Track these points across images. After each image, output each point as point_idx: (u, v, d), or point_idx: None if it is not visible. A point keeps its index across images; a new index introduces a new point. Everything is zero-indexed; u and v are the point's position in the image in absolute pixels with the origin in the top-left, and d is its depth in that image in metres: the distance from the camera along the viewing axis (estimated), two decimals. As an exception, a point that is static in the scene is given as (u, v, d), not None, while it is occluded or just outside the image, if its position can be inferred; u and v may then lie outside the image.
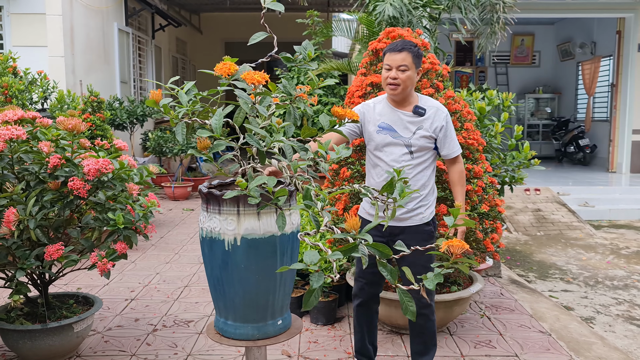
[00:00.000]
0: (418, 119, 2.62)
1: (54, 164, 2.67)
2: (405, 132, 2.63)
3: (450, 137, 2.66)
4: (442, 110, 2.66)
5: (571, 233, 7.17)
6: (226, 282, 2.01)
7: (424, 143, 2.62)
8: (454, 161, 2.73)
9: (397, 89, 2.57)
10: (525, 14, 9.55)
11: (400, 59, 2.55)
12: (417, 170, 2.64)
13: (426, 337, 2.76)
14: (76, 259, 2.81)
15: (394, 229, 2.67)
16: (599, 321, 4.24)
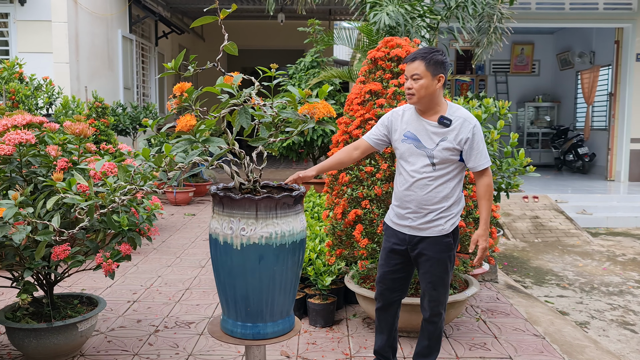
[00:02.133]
0: (443, 129, 2.56)
1: (61, 167, 2.76)
2: (429, 142, 2.58)
3: (477, 149, 2.55)
4: (469, 122, 2.56)
5: (568, 240, 7.24)
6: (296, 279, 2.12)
7: (447, 155, 2.56)
8: (481, 174, 2.61)
9: (413, 98, 2.57)
10: (525, 23, 9.68)
11: (413, 68, 2.54)
12: (438, 182, 2.58)
13: (432, 342, 2.83)
14: (82, 259, 2.89)
15: (413, 238, 2.67)
16: (593, 326, 4.31)
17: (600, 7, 9.86)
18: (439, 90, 2.57)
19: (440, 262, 2.66)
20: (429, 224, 2.63)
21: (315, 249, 4.03)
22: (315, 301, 3.69)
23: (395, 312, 2.92)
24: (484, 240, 2.63)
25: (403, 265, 2.79)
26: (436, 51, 2.56)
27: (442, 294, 2.74)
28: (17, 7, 7.52)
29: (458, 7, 5.07)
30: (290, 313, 2.30)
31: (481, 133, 2.59)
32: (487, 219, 2.63)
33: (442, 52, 2.57)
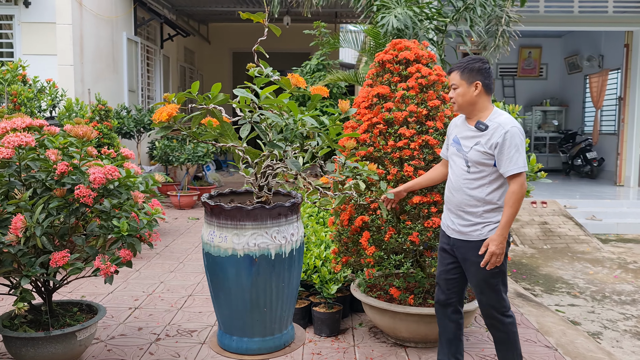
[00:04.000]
0: (478, 133, 2.65)
1: (60, 171, 2.69)
2: (466, 146, 2.70)
3: (506, 155, 2.57)
4: (502, 127, 2.59)
5: (578, 246, 7.12)
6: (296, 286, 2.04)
7: (479, 158, 2.63)
8: (509, 180, 2.62)
9: (454, 107, 2.74)
10: (532, 26, 9.57)
11: (451, 79, 2.71)
12: (474, 185, 2.66)
13: (506, 346, 2.76)
14: (81, 266, 2.81)
15: (456, 241, 2.76)
16: (606, 336, 4.19)
17: (609, 10, 9.74)
18: (479, 97, 2.66)
19: (482, 267, 2.66)
20: (468, 227, 2.69)
21: (321, 255, 3.94)
22: (321, 310, 3.59)
23: (453, 317, 2.87)
24: (494, 245, 2.60)
25: (456, 266, 2.82)
26: (473, 60, 2.67)
27: (492, 298, 2.71)
28: (21, 9, 7.48)
29: (467, 9, 4.97)
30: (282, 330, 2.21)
31: (516, 139, 2.57)
32: (505, 225, 2.60)
33: (479, 60, 2.66)
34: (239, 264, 2.60)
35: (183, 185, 8.85)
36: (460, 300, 2.89)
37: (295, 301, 2.11)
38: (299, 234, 2.04)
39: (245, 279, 2.34)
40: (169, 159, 8.43)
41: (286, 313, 2.14)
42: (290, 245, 2.03)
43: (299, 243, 2.03)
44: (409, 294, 3.38)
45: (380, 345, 3.45)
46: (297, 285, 2.12)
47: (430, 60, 3.55)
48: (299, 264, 2.08)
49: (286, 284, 2.08)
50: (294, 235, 2.02)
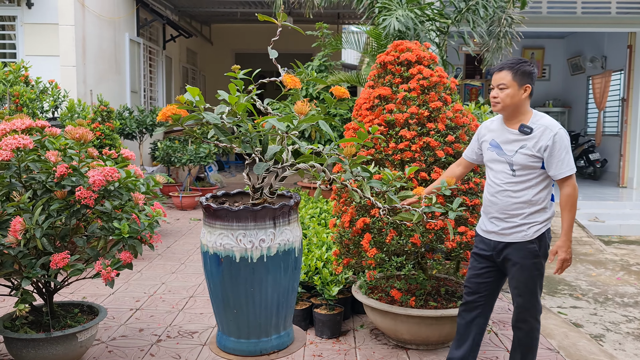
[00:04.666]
0: (522, 137, 2.62)
1: (60, 173, 2.69)
2: (509, 150, 2.66)
3: (557, 157, 2.56)
4: (550, 130, 2.58)
5: (581, 248, 7.09)
6: (292, 290, 2.02)
7: (526, 162, 2.60)
8: (562, 183, 2.62)
9: (497, 107, 2.66)
10: (535, 27, 9.53)
11: (499, 77, 2.63)
12: (519, 188, 2.63)
13: (523, 350, 2.78)
14: (82, 267, 2.81)
15: (498, 244, 2.73)
16: (609, 339, 4.17)
17: (612, 11, 9.71)
18: (525, 100, 2.64)
19: (524, 268, 2.66)
20: (512, 229, 2.67)
21: (322, 257, 3.93)
22: (322, 311, 3.58)
23: (475, 320, 2.86)
24: (563, 252, 2.63)
25: (489, 270, 2.82)
26: (524, 62, 2.64)
27: (528, 301, 2.71)
28: (24, 10, 7.50)
29: (469, 10, 4.96)
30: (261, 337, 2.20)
31: (564, 141, 2.59)
32: (567, 229, 2.62)
33: (530, 63, 2.65)
34: (211, 262, 2.67)
35: (185, 186, 8.86)
36: (489, 307, 2.87)
37: (285, 309, 2.07)
38: (277, 241, 1.98)
39: (215, 277, 2.34)
40: (170, 159, 8.44)
41: (264, 320, 2.10)
42: (260, 251, 1.98)
43: (276, 251, 1.97)
44: (410, 296, 3.37)
45: (382, 347, 3.43)
46: (280, 294, 2.05)
47: (432, 62, 3.54)
48: (279, 273, 2.00)
49: (256, 290, 2.03)
50: (264, 242, 1.96)
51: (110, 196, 2.88)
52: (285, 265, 1.98)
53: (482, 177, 3.42)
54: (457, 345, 2.90)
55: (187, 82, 13.62)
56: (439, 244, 3.25)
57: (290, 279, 2.03)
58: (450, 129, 3.41)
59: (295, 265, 1.98)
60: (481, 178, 3.41)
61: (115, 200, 2.92)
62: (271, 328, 2.09)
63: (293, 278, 2.03)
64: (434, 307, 3.38)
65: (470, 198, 3.32)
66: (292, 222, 1.99)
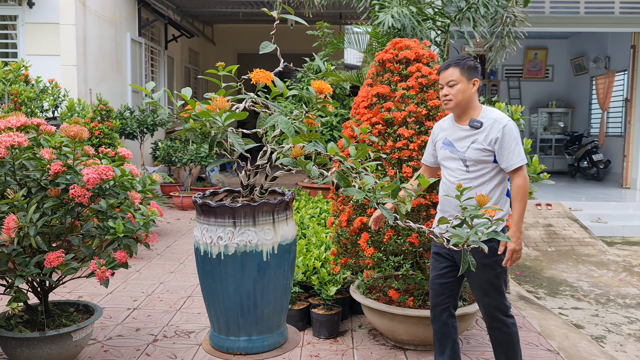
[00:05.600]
0: (473, 131, 2.62)
1: (54, 171, 2.67)
2: (461, 146, 2.65)
3: (507, 149, 2.57)
4: (499, 122, 2.59)
5: (583, 249, 7.04)
6: (260, 294, 1.96)
7: (478, 156, 2.60)
8: (512, 174, 2.61)
9: (450, 104, 2.65)
10: (538, 27, 9.49)
11: (447, 75, 2.64)
12: (475, 184, 2.62)
13: (506, 349, 2.74)
14: (76, 266, 2.79)
15: None
16: (610, 340, 4.13)
17: (616, 11, 9.66)
18: (474, 95, 2.65)
19: (487, 267, 2.63)
20: None
21: (320, 257, 3.90)
22: (319, 311, 3.55)
23: (447, 322, 2.83)
24: (512, 242, 2.58)
25: (450, 270, 2.79)
26: (468, 57, 2.67)
27: (496, 299, 2.68)
28: (25, 9, 7.50)
29: (470, 8, 4.93)
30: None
31: (513, 133, 2.58)
32: (518, 220, 2.58)
33: (473, 59, 2.67)
34: (195, 255, 2.67)
35: (186, 186, 8.84)
36: (455, 304, 2.86)
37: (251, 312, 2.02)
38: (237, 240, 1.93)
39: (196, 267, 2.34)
40: (171, 159, 8.42)
41: (231, 318, 2.06)
42: (218, 248, 1.96)
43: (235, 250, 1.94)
44: (408, 296, 3.34)
45: (380, 347, 3.40)
46: (243, 295, 1.98)
47: (431, 60, 3.51)
48: (243, 274, 1.94)
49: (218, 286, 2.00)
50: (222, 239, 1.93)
51: (105, 195, 2.86)
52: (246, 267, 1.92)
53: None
54: (440, 351, 2.87)
55: (189, 83, 13.62)
56: (437, 244, 3.22)
57: (258, 282, 1.96)
58: (449, 127, 3.38)
59: (260, 269, 1.90)
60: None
61: (111, 198, 2.90)
62: (239, 329, 2.04)
63: (262, 282, 1.95)
64: (432, 307, 3.34)
65: (469, 197, 3.29)
66: (260, 224, 1.93)
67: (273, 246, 1.97)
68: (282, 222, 1.97)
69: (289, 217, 2.02)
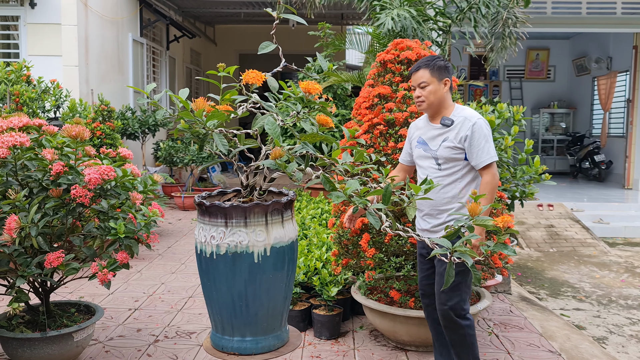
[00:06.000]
0: (445, 130, 2.64)
1: (56, 171, 2.67)
2: (434, 144, 2.68)
3: (476, 146, 2.59)
4: (469, 120, 2.61)
5: (585, 250, 7.03)
6: (251, 296, 1.96)
7: (449, 154, 2.62)
8: (482, 172, 2.64)
9: (423, 105, 2.68)
10: (540, 28, 9.48)
11: (418, 77, 2.65)
12: (446, 182, 2.65)
13: (458, 349, 2.72)
14: (77, 267, 2.79)
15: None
16: (612, 341, 4.12)
17: (618, 11, 9.64)
18: (447, 94, 2.68)
19: (451, 265, 2.56)
20: (442, 226, 2.67)
21: (322, 257, 3.90)
22: (321, 312, 3.55)
23: (438, 319, 2.82)
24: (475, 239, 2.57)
25: (433, 271, 2.79)
26: (438, 58, 2.68)
27: (453, 299, 2.66)
28: (27, 10, 7.51)
29: (471, 9, 4.92)
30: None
31: (483, 130, 2.60)
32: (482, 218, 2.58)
33: (443, 58, 2.68)
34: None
35: (188, 186, 8.85)
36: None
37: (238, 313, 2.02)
38: (228, 240, 1.94)
39: None
40: (173, 160, 8.42)
41: (225, 317, 2.06)
42: (211, 247, 1.98)
43: (226, 250, 1.95)
44: (409, 297, 3.34)
45: (381, 348, 3.40)
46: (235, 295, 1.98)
47: (432, 61, 3.50)
48: (235, 274, 1.94)
49: (212, 285, 2.03)
50: (214, 239, 1.96)
51: (107, 195, 2.86)
52: (236, 267, 1.93)
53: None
54: (440, 351, 2.88)
55: (190, 83, 13.63)
56: (438, 245, 3.21)
57: (250, 284, 1.96)
58: (451, 128, 3.38)
59: (251, 270, 1.90)
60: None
61: (112, 199, 2.90)
62: (232, 329, 2.06)
63: (253, 284, 1.95)
64: (434, 308, 3.34)
65: (471, 198, 3.29)
66: (251, 225, 1.93)
67: (265, 248, 1.96)
68: (277, 224, 1.96)
69: (285, 219, 2.01)
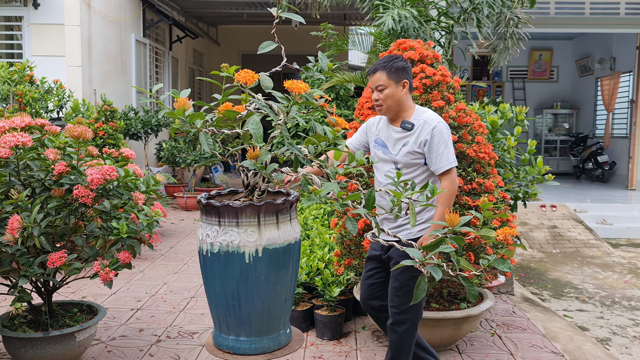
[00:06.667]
0: (405, 133, 2.58)
1: (59, 171, 2.67)
2: (394, 148, 2.62)
3: (435, 152, 2.52)
4: (429, 124, 2.54)
5: (588, 251, 7.01)
6: (244, 297, 1.96)
7: (409, 159, 2.57)
8: (440, 177, 2.57)
9: (382, 109, 2.60)
10: (543, 28, 9.46)
11: (375, 79, 2.57)
12: None
13: (394, 353, 2.69)
14: (80, 267, 2.79)
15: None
16: (615, 343, 4.11)
17: (621, 12, 9.62)
18: (405, 96, 2.59)
19: (405, 268, 2.53)
20: (398, 228, 2.64)
21: (324, 258, 3.90)
22: (323, 313, 3.55)
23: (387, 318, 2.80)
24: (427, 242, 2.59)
25: (377, 271, 2.79)
26: (396, 58, 2.58)
27: (405, 302, 2.61)
28: (30, 10, 7.53)
29: (475, 9, 4.91)
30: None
31: (443, 135, 2.53)
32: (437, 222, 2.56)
33: (402, 59, 2.59)
34: None
35: (190, 186, 8.85)
36: (380, 303, 2.84)
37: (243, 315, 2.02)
38: (220, 239, 1.97)
39: None
40: (176, 160, 8.43)
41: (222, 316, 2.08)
42: (206, 245, 2.02)
43: (218, 249, 1.97)
44: (412, 298, 3.33)
45: (383, 349, 3.39)
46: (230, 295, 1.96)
47: (435, 61, 3.50)
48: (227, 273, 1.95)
49: (209, 282, 2.06)
50: (209, 237, 1.99)
51: (109, 195, 2.86)
52: (228, 266, 1.95)
53: (485, 178, 3.38)
54: None
55: (193, 83, 13.64)
56: (441, 245, 3.20)
57: (242, 284, 1.98)
58: (453, 128, 3.37)
59: (242, 270, 1.91)
60: (484, 179, 3.36)
61: (115, 199, 2.90)
62: (228, 327, 2.08)
63: (245, 284, 1.96)
64: (436, 309, 3.33)
65: (473, 199, 3.28)
66: (243, 226, 1.95)
67: (257, 249, 1.95)
68: (270, 225, 1.95)
69: (282, 221, 1.99)
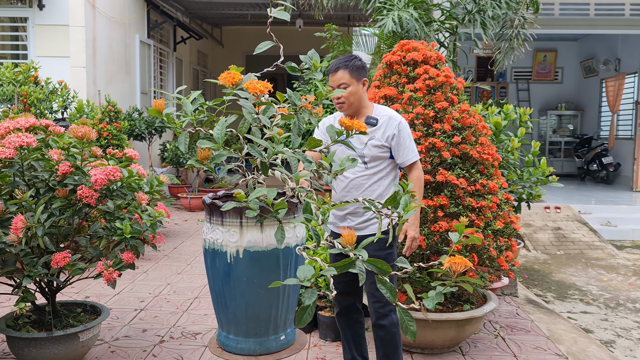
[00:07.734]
0: (370, 129, 2.64)
1: (63, 171, 2.68)
2: (358, 143, 2.66)
3: (403, 145, 2.64)
4: (394, 119, 2.65)
5: (592, 253, 6.98)
6: (228, 295, 1.97)
7: (376, 153, 2.64)
8: (409, 169, 2.70)
9: (344, 107, 2.65)
10: (547, 29, 9.44)
11: (337, 78, 2.62)
12: (372, 180, 2.66)
13: (388, 350, 2.70)
14: (83, 267, 2.80)
15: None
16: (619, 345, 4.09)
17: (626, 12, 9.59)
18: (365, 94, 2.69)
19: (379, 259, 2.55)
20: (367, 222, 2.68)
21: (327, 259, 3.89)
22: (326, 314, 3.55)
23: (358, 318, 2.85)
24: (412, 230, 2.67)
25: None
26: (355, 58, 2.66)
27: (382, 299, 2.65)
28: (35, 11, 7.56)
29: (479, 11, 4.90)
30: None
31: (407, 129, 2.67)
32: (416, 210, 2.66)
33: (360, 59, 2.68)
34: None
35: (194, 187, 8.87)
36: (360, 300, 2.86)
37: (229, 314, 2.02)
38: (209, 236, 2.00)
39: None
40: (179, 161, 8.44)
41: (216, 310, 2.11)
42: (203, 241, 2.07)
43: (207, 246, 2.02)
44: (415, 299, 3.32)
45: (386, 350, 3.38)
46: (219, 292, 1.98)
47: (439, 62, 3.50)
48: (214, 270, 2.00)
49: (207, 277, 2.11)
50: (204, 233, 2.05)
51: (113, 195, 2.86)
52: (214, 264, 1.98)
53: (489, 179, 3.37)
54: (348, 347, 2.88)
55: (197, 84, 13.66)
56: (444, 247, 3.20)
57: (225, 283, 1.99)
58: (457, 129, 3.37)
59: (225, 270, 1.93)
60: (488, 180, 3.35)
61: (118, 199, 2.91)
62: (221, 323, 2.11)
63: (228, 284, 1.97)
64: (439, 310, 3.33)
65: (477, 200, 3.27)
66: (227, 225, 1.96)
67: (238, 250, 1.95)
68: (253, 227, 1.94)
69: (266, 224, 1.97)
